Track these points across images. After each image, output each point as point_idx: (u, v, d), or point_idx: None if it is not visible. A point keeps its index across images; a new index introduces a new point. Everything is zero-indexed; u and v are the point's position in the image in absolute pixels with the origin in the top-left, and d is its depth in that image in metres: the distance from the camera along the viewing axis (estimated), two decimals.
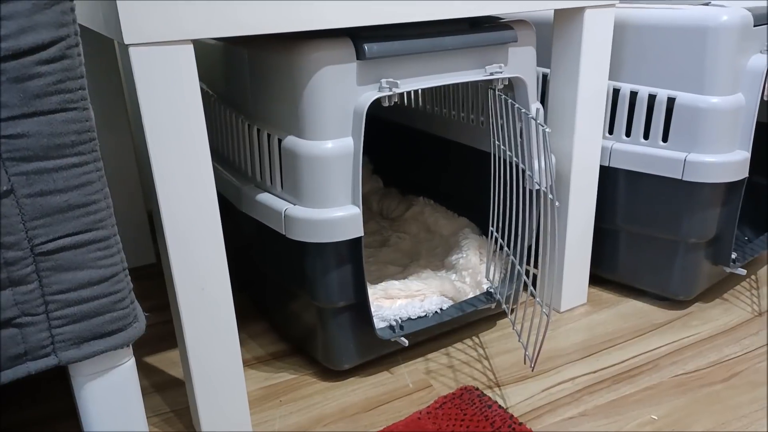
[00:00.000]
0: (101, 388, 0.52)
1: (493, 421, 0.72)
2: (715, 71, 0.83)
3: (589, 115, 0.87)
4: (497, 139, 0.84)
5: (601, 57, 0.85)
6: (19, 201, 0.44)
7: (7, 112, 0.42)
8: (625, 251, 0.98)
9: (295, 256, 0.75)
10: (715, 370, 0.83)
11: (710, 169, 0.85)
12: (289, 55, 0.69)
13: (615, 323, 0.94)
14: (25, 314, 0.46)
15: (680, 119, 0.86)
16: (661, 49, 0.86)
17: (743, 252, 1.00)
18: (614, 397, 0.78)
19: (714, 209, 0.89)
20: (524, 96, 0.81)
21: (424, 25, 0.73)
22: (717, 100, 0.84)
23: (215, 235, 0.64)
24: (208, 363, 0.68)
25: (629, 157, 0.91)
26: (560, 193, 0.91)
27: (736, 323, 0.93)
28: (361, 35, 0.69)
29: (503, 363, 0.85)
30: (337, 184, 0.71)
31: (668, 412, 0.75)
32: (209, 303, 0.66)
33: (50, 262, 0.46)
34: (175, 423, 0.76)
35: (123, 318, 0.50)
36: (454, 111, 1.00)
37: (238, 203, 0.81)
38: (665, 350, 0.87)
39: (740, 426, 0.73)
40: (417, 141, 1.12)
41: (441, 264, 0.98)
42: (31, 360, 0.47)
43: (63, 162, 0.44)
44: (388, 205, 1.18)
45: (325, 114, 0.69)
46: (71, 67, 0.43)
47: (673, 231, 0.91)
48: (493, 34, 0.77)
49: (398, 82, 0.71)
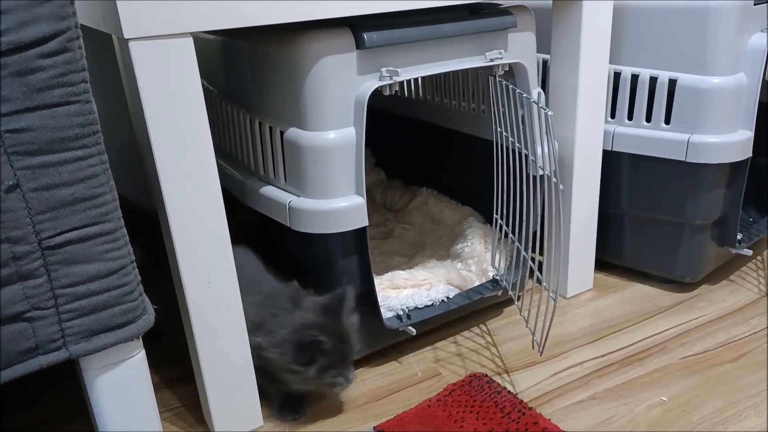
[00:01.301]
0: (112, 380, 0.52)
1: (503, 407, 0.72)
2: (716, 51, 0.83)
3: (590, 99, 0.87)
4: (499, 126, 0.84)
5: (602, 41, 0.85)
6: (25, 195, 0.44)
7: (10, 106, 0.42)
8: (630, 235, 0.98)
9: (300, 247, 0.75)
10: (723, 350, 0.83)
11: (714, 149, 0.85)
12: (289, 47, 0.69)
13: (622, 307, 0.94)
14: (35, 308, 0.46)
15: (682, 101, 0.86)
16: (661, 30, 0.86)
17: (748, 233, 1.00)
18: (623, 380, 0.78)
19: (718, 190, 0.89)
20: (525, 81, 0.81)
21: (424, 12, 0.73)
22: (718, 80, 0.83)
23: (220, 228, 0.64)
24: (217, 356, 0.68)
25: (632, 140, 0.91)
26: (564, 178, 0.90)
27: (743, 304, 0.93)
28: (361, 25, 0.69)
29: (511, 349, 0.85)
30: (341, 174, 0.71)
31: (678, 393, 0.75)
32: (216, 296, 0.66)
33: (58, 255, 0.46)
34: (186, 417, 0.76)
35: (132, 310, 0.50)
36: (455, 100, 0.99)
37: (242, 197, 0.82)
38: (673, 332, 0.87)
39: (750, 405, 0.73)
40: (418, 132, 1.12)
41: (446, 253, 0.98)
42: (42, 354, 0.47)
43: (68, 155, 0.44)
44: (392, 196, 1.18)
45: (326, 104, 0.69)
46: (73, 60, 0.43)
47: (678, 213, 0.91)
48: (492, 20, 0.77)
49: (399, 71, 0.71)
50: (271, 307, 0.71)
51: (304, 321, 0.69)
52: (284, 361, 0.69)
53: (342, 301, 0.71)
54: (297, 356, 0.68)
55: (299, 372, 0.69)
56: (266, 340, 0.69)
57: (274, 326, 0.70)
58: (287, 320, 0.70)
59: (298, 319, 0.69)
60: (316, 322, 0.69)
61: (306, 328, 0.68)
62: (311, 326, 0.69)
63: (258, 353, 0.70)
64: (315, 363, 0.68)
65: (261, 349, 0.70)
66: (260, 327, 0.70)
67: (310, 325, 0.69)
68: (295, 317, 0.70)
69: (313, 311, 0.70)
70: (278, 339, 0.69)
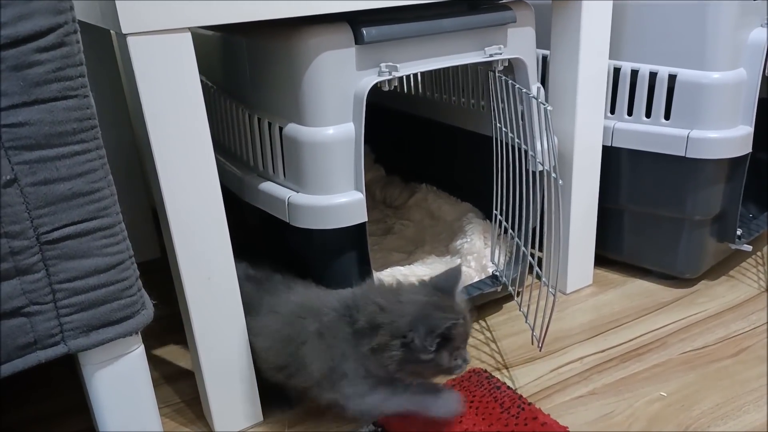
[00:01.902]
0: (111, 376, 0.52)
1: (503, 402, 0.72)
2: (716, 46, 0.82)
3: (590, 95, 0.87)
4: (499, 122, 0.84)
5: (601, 36, 0.85)
6: (23, 190, 0.44)
7: (8, 100, 0.42)
8: (629, 231, 0.98)
9: (299, 243, 0.75)
10: (722, 346, 0.83)
11: (713, 145, 0.85)
12: (288, 42, 0.69)
13: (621, 303, 0.94)
14: (34, 303, 0.46)
15: (682, 96, 0.86)
16: (661, 25, 0.86)
17: (748, 228, 1.00)
18: (623, 375, 0.78)
19: (718, 186, 0.89)
20: (525, 77, 0.81)
21: (423, 7, 0.73)
22: (718, 75, 0.83)
23: (219, 224, 0.64)
24: (217, 351, 0.68)
25: (632, 136, 0.91)
26: (563, 174, 0.90)
27: (742, 299, 0.93)
28: (360, 20, 0.69)
29: (511, 345, 0.85)
30: (340, 169, 0.70)
31: (677, 388, 0.75)
32: (216, 292, 0.66)
33: (56, 250, 0.46)
34: (186, 413, 0.76)
35: (131, 305, 0.50)
36: (454, 96, 0.99)
37: (241, 193, 0.82)
38: (672, 328, 0.87)
39: (750, 400, 0.73)
40: (418, 128, 1.12)
41: (446, 249, 0.98)
42: (40, 349, 0.47)
43: (65, 150, 0.44)
44: (391, 193, 1.18)
45: (325, 100, 0.69)
46: (70, 54, 0.43)
47: (678, 209, 0.91)
48: (491, 15, 0.76)
49: (398, 66, 0.71)
50: (380, 299, 0.63)
51: (426, 304, 0.62)
52: (415, 350, 0.60)
53: (456, 279, 0.65)
54: (428, 341, 0.60)
55: (429, 360, 0.61)
56: (387, 333, 0.61)
57: (390, 317, 0.61)
58: (404, 308, 0.62)
59: (417, 305, 0.62)
60: (439, 303, 0.63)
61: (432, 311, 0.61)
62: (437, 309, 0.62)
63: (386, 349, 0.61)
64: (446, 347, 0.61)
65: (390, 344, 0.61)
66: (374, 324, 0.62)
67: (435, 307, 0.62)
68: (413, 303, 0.62)
69: (426, 293, 0.64)
70: (399, 328, 0.61)
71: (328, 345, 0.64)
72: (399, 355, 0.61)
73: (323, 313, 0.66)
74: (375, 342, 0.61)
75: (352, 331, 0.63)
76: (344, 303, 0.66)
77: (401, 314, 0.61)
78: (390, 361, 0.61)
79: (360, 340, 0.63)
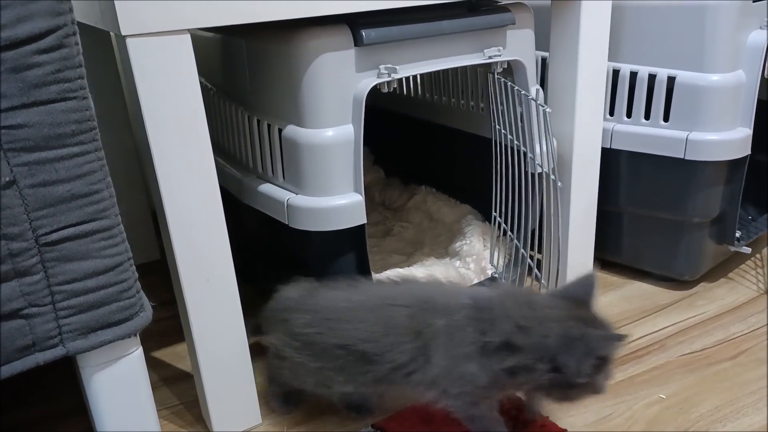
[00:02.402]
0: (110, 378, 0.52)
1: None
2: (715, 48, 0.83)
3: (589, 97, 0.87)
4: (498, 124, 0.84)
5: (600, 38, 0.85)
6: (21, 192, 0.44)
7: (7, 102, 0.42)
8: (628, 233, 0.98)
9: (298, 245, 0.75)
10: (721, 348, 0.83)
11: (712, 147, 0.85)
12: (287, 44, 0.69)
13: (620, 305, 0.94)
14: (32, 305, 0.46)
15: (681, 98, 0.86)
16: (660, 27, 0.86)
17: (747, 230, 1.00)
18: (622, 378, 0.78)
19: (717, 188, 0.89)
20: (524, 79, 0.81)
21: (422, 9, 0.73)
22: (717, 77, 0.83)
23: (219, 225, 0.64)
24: (216, 353, 0.68)
25: (631, 138, 0.91)
26: (562, 176, 0.90)
27: (741, 302, 0.93)
28: (359, 22, 0.69)
29: None
30: (339, 171, 0.70)
31: (676, 391, 0.75)
32: (215, 293, 0.66)
33: (55, 252, 0.46)
34: (184, 415, 0.76)
35: (129, 307, 0.50)
36: (454, 98, 0.99)
37: (240, 195, 0.82)
38: (671, 330, 0.87)
39: (749, 402, 0.73)
40: (417, 130, 1.12)
41: (445, 251, 0.98)
42: (39, 351, 0.47)
43: (64, 152, 0.44)
44: (390, 195, 1.18)
45: (324, 102, 0.69)
46: (69, 56, 0.43)
47: (677, 211, 0.91)
48: (490, 17, 0.77)
49: (397, 68, 0.71)
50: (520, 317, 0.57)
51: (570, 321, 0.56)
52: (568, 374, 0.54)
53: (591, 287, 0.59)
54: (585, 365, 0.54)
55: (583, 384, 0.55)
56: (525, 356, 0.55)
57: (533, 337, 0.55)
58: (545, 327, 0.55)
59: (560, 323, 0.56)
60: (584, 318, 0.57)
61: (584, 329, 0.55)
62: (585, 325, 0.56)
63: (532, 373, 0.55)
64: (603, 368, 0.56)
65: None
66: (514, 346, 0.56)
67: (583, 323, 0.56)
68: (555, 319, 0.56)
69: (564, 307, 0.57)
70: (545, 350, 0.55)
71: (455, 344, 0.58)
72: (547, 379, 0.55)
73: (453, 310, 0.60)
74: (513, 363, 0.55)
75: (482, 344, 0.57)
76: (477, 304, 0.59)
77: (544, 334, 0.55)
78: (535, 384, 0.56)
79: (491, 355, 0.57)
